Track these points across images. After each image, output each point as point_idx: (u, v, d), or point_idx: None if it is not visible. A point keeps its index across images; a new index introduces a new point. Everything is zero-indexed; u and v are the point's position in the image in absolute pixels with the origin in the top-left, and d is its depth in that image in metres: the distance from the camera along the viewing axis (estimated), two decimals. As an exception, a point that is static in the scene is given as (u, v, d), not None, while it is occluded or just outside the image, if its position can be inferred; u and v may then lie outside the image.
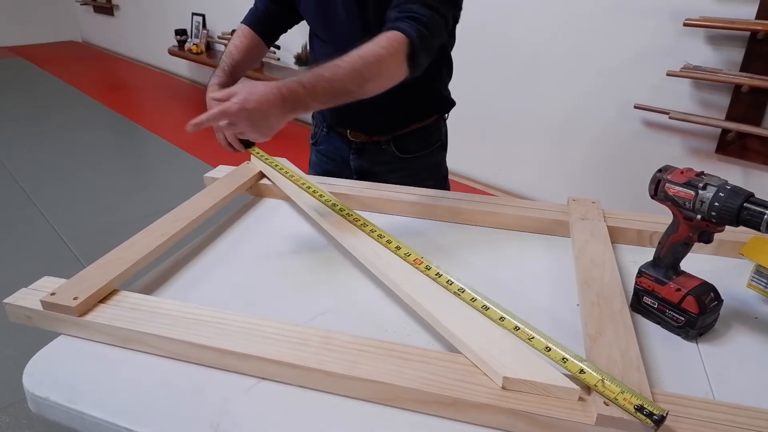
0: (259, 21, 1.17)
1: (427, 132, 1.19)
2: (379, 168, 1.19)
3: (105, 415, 0.56)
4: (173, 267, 0.82)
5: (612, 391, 0.53)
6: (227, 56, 1.15)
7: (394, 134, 1.16)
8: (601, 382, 0.54)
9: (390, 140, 1.16)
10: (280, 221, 0.97)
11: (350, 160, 1.20)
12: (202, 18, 4.59)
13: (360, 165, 1.20)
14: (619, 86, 2.25)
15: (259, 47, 1.19)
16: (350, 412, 0.57)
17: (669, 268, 0.69)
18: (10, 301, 0.68)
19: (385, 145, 1.16)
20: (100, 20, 6.54)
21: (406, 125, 1.15)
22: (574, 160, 2.52)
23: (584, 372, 0.55)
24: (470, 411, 0.55)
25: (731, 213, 0.60)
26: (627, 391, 0.53)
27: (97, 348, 0.65)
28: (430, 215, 0.98)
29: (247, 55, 1.16)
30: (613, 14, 2.18)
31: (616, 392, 0.53)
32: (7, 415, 1.51)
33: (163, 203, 1.24)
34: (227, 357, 0.61)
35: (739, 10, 1.86)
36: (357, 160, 1.19)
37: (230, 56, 1.14)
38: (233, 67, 1.13)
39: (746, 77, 1.85)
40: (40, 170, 3.16)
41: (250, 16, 1.18)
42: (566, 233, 0.91)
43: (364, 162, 1.19)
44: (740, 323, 0.71)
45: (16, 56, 6.29)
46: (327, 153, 1.24)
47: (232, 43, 1.16)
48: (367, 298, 0.75)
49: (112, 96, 4.81)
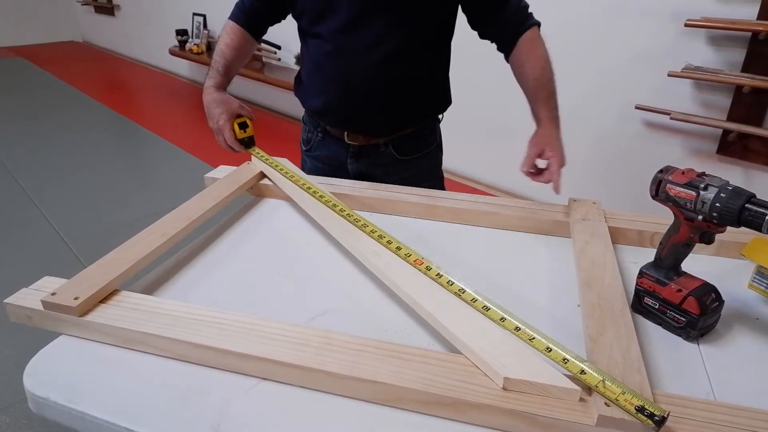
0: (246, 17, 1.17)
1: (424, 133, 1.19)
2: (378, 171, 1.17)
3: (105, 416, 0.56)
4: (174, 267, 0.82)
5: (613, 392, 0.53)
6: (219, 56, 1.15)
7: (392, 136, 1.15)
8: (602, 382, 0.54)
9: (389, 142, 1.15)
10: (280, 221, 0.97)
11: (348, 164, 1.18)
12: (203, 18, 4.59)
13: (358, 169, 1.18)
14: (620, 87, 2.25)
15: (249, 43, 1.19)
16: (350, 412, 0.57)
17: (670, 269, 0.69)
18: (10, 301, 0.68)
19: (384, 147, 1.15)
20: (101, 20, 6.54)
21: (405, 125, 1.15)
22: (574, 160, 2.50)
23: (585, 373, 0.55)
24: (471, 411, 0.55)
25: (732, 214, 0.60)
26: (628, 392, 0.53)
27: (98, 348, 0.65)
28: (430, 215, 0.98)
29: (239, 53, 1.16)
30: (614, 15, 2.18)
31: (617, 393, 0.53)
32: (8, 415, 1.51)
33: (163, 203, 1.24)
34: (228, 357, 0.61)
35: (740, 11, 1.86)
36: (355, 164, 1.18)
37: (223, 56, 1.14)
38: (226, 67, 1.14)
39: (747, 78, 1.85)
40: (40, 170, 3.16)
41: (237, 12, 1.18)
42: (567, 234, 0.91)
43: (362, 165, 1.18)
44: (741, 324, 0.70)
45: (17, 56, 6.29)
46: (323, 158, 1.22)
47: (223, 42, 1.16)
48: (367, 298, 0.75)
49: (112, 96, 4.81)
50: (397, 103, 1.09)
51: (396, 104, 1.09)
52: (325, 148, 1.20)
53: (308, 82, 1.15)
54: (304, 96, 1.18)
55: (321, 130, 1.19)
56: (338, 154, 1.18)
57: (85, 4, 6.61)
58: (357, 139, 1.15)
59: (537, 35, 1.07)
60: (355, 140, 1.15)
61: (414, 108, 1.13)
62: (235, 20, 1.17)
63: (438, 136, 1.23)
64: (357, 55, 1.04)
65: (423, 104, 1.15)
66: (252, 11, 1.16)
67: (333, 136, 1.18)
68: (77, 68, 5.77)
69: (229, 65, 1.15)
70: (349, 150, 1.17)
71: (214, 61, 1.16)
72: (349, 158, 1.18)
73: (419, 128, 1.17)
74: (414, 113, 1.14)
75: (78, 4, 6.72)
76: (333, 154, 1.19)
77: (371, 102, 1.08)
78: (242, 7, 1.17)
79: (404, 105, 1.10)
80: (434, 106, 1.18)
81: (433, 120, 1.20)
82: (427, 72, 1.12)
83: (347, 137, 1.15)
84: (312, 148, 1.23)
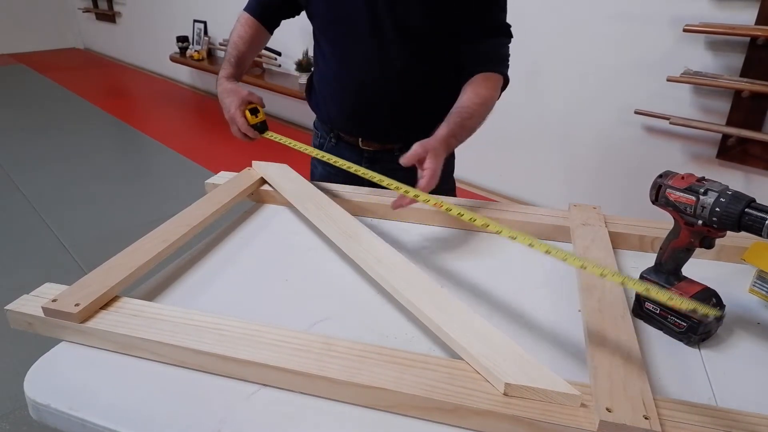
0: (262, 8, 1.17)
1: None
2: (393, 175, 1.15)
3: (106, 422, 0.56)
4: (174, 273, 0.82)
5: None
6: (233, 47, 1.15)
7: (407, 141, 1.13)
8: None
9: (403, 147, 1.12)
10: (281, 227, 0.97)
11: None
12: (203, 25, 4.61)
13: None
14: (620, 92, 2.26)
15: (262, 35, 1.19)
16: (351, 418, 0.57)
17: (671, 274, 0.69)
18: (11, 307, 0.68)
19: (398, 153, 1.13)
20: (102, 27, 6.57)
21: (420, 132, 1.12)
22: (575, 165, 2.53)
23: (585, 267, 0.60)
24: (472, 417, 0.55)
25: (732, 218, 0.60)
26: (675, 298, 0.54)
27: (99, 355, 0.65)
28: (432, 221, 0.98)
29: (251, 45, 1.16)
30: (613, 21, 2.19)
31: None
32: (8, 422, 1.51)
33: (164, 209, 1.24)
34: (228, 363, 0.61)
35: (738, 16, 1.87)
36: (369, 170, 1.16)
37: (236, 47, 1.15)
38: (239, 58, 1.14)
39: (746, 83, 1.85)
40: (41, 177, 3.17)
41: (252, 3, 1.18)
42: (567, 239, 0.91)
43: (376, 170, 1.15)
44: (742, 329, 0.70)
45: (18, 63, 6.32)
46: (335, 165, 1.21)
47: (236, 33, 1.16)
48: (368, 304, 0.75)
49: (113, 102, 4.83)
50: (412, 111, 1.08)
51: (410, 112, 1.08)
52: (338, 155, 1.17)
53: (321, 87, 1.15)
54: (316, 102, 1.18)
55: (334, 137, 1.19)
56: (352, 160, 1.14)
57: (86, 11, 6.65)
58: (372, 145, 1.14)
59: (495, 80, 1.03)
60: (370, 146, 1.14)
61: (428, 116, 1.11)
62: (250, 12, 1.17)
63: None
64: (370, 64, 1.04)
65: (437, 112, 1.12)
66: (267, 3, 1.16)
67: (346, 143, 1.17)
68: (78, 75, 5.79)
69: (241, 57, 1.15)
70: (363, 156, 1.16)
71: (227, 52, 1.16)
72: (363, 164, 1.15)
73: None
74: (428, 121, 1.11)
75: (79, 11, 6.76)
76: (346, 161, 1.18)
77: (385, 110, 1.07)
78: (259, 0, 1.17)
79: (418, 113, 1.10)
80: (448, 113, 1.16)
81: None
82: (441, 79, 1.11)
83: (361, 143, 1.14)
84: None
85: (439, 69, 1.09)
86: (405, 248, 0.87)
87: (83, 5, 6.66)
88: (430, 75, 1.07)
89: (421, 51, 1.03)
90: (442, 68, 1.09)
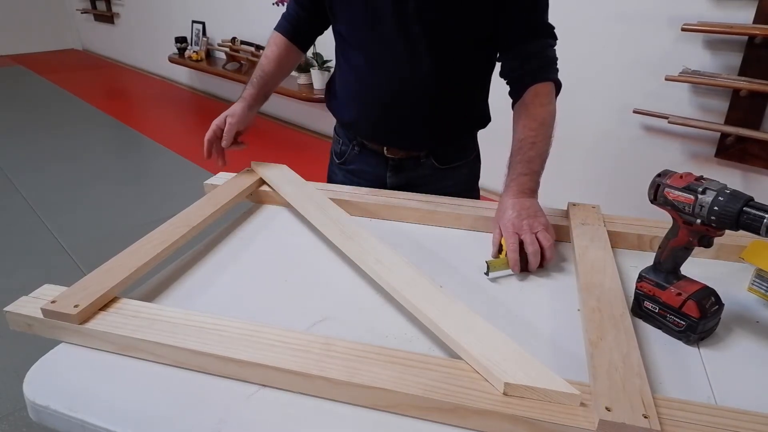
0: (292, 27, 1.13)
1: (464, 142, 1.15)
2: (418, 181, 1.12)
3: (106, 423, 0.56)
4: (174, 274, 0.82)
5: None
6: (258, 67, 1.12)
7: (434, 148, 1.11)
8: None
9: (429, 154, 1.11)
10: (280, 228, 0.98)
11: (387, 178, 1.13)
12: (202, 26, 4.61)
13: (398, 182, 1.13)
14: (618, 91, 2.26)
15: (293, 54, 1.15)
16: (351, 418, 0.57)
17: (669, 273, 0.69)
18: (10, 309, 0.68)
19: (424, 159, 1.11)
20: (101, 28, 6.57)
21: (447, 141, 1.11)
22: (573, 165, 2.53)
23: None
24: (472, 417, 0.55)
25: (731, 217, 0.60)
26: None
27: (98, 356, 0.65)
28: (430, 221, 0.98)
29: (279, 64, 1.12)
30: (612, 20, 2.19)
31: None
32: (8, 423, 1.51)
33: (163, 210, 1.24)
34: (228, 364, 0.61)
35: (736, 15, 1.87)
36: (394, 177, 1.13)
37: (261, 68, 1.12)
38: (263, 79, 1.11)
39: (744, 81, 1.86)
40: (40, 178, 3.17)
41: (282, 22, 1.14)
42: (566, 238, 0.91)
43: (402, 179, 1.13)
44: (741, 327, 0.70)
45: (16, 64, 6.31)
46: (358, 173, 1.16)
47: (264, 54, 1.13)
48: (367, 304, 0.75)
49: (112, 103, 4.83)
50: (440, 117, 1.05)
51: (439, 118, 1.05)
52: (362, 162, 1.15)
53: (344, 93, 1.11)
54: (338, 108, 1.14)
55: (357, 144, 1.14)
56: (376, 168, 1.14)
57: (84, 13, 6.64)
58: (397, 152, 1.11)
59: (548, 91, 0.99)
60: (396, 154, 1.11)
61: (457, 122, 1.10)
62: (281, 30, 1.13)
63: (477, 147, 1.20)
64: (398, 69, 1.00)
65: (463, 120, 1.11)
66: (297, 21, 1.12)
67: (371, 150, 1.13)
68: (77, 76, 5.79)
69: (266, 77, 1.11)
70: (388, 164, 1.12)
71: (253, 73, 1.12)
72: (388, 172, 1.13)
73: (459, 140, 1.13)
74: (457, 127, 1.11)
75: (78, 12, 6.75)
76: (371, 169, 1.14)
77: (413, 116, 1.04)
78: (288, 17, 1.13)
79: (447, 119, 1.07)
80: (475, 121, 1.13)
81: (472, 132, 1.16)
82: (472, 85, 1.08)
83: (386, 151, 1.11)
84: (346, 162, 1.18)
85: (470, 73, 1.06)
86: (404, 248, 0.87)
87: (81, 6, 6.65)
88: (460, 80, 1.04)
89: (452, 55, 1.00)
90: (473, 73, 1.06)
